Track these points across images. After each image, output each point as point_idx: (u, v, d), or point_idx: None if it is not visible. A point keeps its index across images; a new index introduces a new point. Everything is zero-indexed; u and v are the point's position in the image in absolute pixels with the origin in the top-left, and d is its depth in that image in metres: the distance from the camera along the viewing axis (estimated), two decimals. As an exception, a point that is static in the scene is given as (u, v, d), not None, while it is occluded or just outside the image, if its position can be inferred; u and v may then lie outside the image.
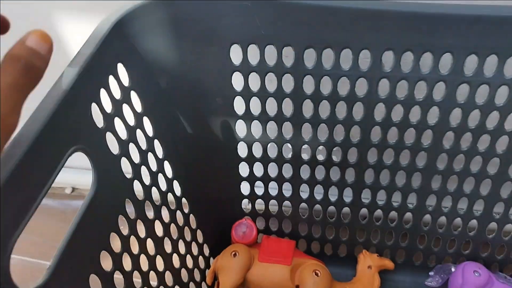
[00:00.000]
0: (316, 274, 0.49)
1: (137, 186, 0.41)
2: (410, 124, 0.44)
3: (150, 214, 0.43)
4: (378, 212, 0.52)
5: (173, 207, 0.48)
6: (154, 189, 0.44)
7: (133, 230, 0.39)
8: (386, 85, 0.42)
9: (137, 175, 0.41)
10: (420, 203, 0.50)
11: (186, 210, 0.51)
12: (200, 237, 0.54)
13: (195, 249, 0.53)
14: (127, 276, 0.38)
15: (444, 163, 0.47)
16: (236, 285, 0.49)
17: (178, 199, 0.49)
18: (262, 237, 0.55)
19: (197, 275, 0.52)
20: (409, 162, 0.47)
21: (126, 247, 0.38)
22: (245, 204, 0.55)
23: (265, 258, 0.51)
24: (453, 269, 0.52)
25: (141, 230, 0.41)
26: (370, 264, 0.53)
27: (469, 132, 0.44)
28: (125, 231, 0.38)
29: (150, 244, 0.43)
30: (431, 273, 0.54)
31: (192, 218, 0.52)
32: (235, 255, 0.50)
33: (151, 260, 0.43)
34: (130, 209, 0.39)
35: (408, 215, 0.52)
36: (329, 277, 0.50)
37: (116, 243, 0.37)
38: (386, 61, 0.41)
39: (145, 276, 0.41)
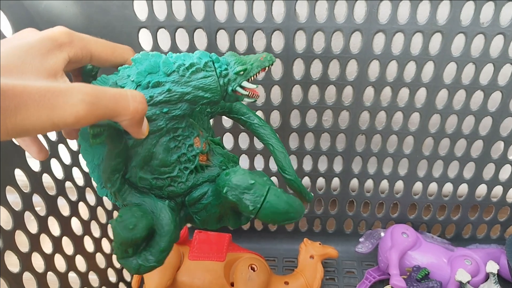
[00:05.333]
0: (252, 269, 0.45)
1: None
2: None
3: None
4: (305, 180, 0.51)
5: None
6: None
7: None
8: None
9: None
10: (346, 167, 0.49)
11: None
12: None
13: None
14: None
15: (366, 123, 0.46)
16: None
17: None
18: (194, 233, 0.49)
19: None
20: (332, 123, 0.46)
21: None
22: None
23: (196, 255, 0.46)
24: (382, 234, 0.52)
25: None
26: (312, 254, 0.49)
27: (388, 86, 0.43)
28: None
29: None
30: (361, 239, 0.53)
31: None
32: None
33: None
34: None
35: (336, 180, 0.51)
36: (266, 271, 0.46)
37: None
38: None
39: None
